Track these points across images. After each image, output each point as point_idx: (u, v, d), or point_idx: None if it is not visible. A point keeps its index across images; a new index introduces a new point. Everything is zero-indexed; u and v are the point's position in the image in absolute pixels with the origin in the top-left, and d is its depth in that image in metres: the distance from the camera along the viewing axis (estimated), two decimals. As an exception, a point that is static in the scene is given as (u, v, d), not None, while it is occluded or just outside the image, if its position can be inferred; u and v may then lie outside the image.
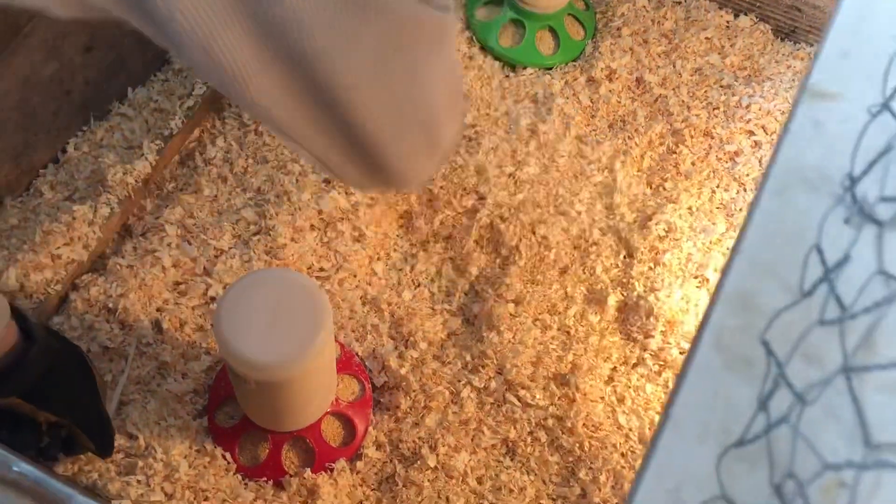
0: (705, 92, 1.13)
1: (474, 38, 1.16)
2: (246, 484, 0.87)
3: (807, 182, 0.31)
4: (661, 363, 0.95)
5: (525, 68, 1.14)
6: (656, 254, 1.00)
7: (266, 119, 0.51)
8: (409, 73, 0.52)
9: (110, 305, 0.93)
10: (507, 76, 1.14)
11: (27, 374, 0.73)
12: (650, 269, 0.99)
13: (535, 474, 0.90)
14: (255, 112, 0.49)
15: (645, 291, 0.97)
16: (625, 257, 1.00)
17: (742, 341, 0.28)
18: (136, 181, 0.98)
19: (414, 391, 0.92)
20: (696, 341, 0.28)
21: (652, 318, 0.95)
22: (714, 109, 1.11)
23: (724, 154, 1.08)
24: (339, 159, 0.56)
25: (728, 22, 1.19)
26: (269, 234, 0.98)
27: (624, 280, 0.99)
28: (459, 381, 0.93)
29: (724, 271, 0.30)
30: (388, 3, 0.47)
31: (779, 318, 0.28)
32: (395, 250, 1.01)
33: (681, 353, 0.95)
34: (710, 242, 1.01)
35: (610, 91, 1.13)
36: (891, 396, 0.27)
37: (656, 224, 1.02)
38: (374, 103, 0.51)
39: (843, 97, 0.33)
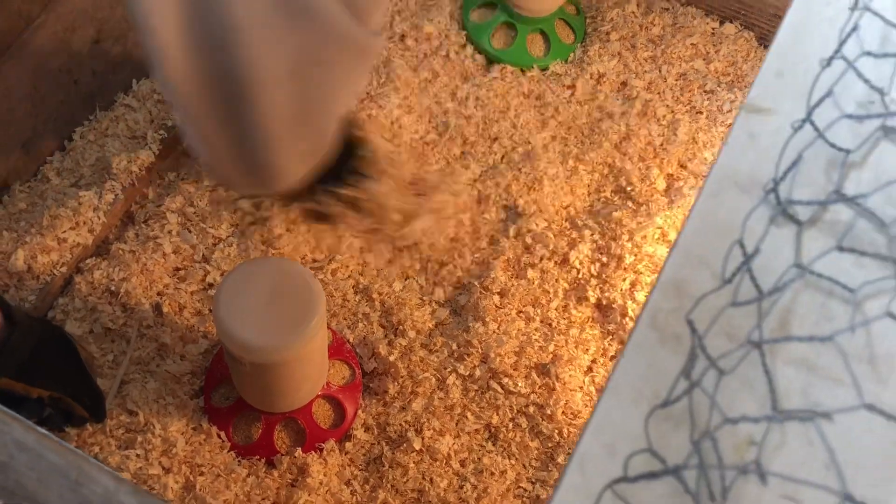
0: (689, 97, 1.18)
1: (468, 38, 1.21)
2: (239, 461, 0.92)
3: (739, 185, 0.36)
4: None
5: (524, 70, 1.19)
6: (636, 257, 1.05)
7: (171, 94, 0.52)
8: (321, 87, 0.54)
9: (113, 289, 0.98)
10: (494, 78, 1.18)
11: (13, 356, 0.77)
12: (626, 269, 1.04)
13: (516, 458, 0.95)
14: (165, 87, 0.51)
15: (622, 294, 1.02)
16: (606, 259, 1.05)
17: (673, 321, 0.33)
18: (139, 170, 1.03)
19: (402, 377, 0.97)
20: (636, 322, 0.33)
21: (627, 319, 1.00)
22: (697, 113, 1.17)
23: (705, 158, 1.13)
24: (224, 151, 0.58)
25: (714, 29, 1.24)
26: (266, 225, 1.03)
27: (604, 281, 1.04)
28: (445, 368, 0.98)
29: (665, 262, 0.35)
30: (321, 15, 0.49)
31: (703, 300, 0.33)
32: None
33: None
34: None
35: (597, 94, 1.18)
36: (797, 369, 0.33)
37: (637, 226, 1.07)
38: (279, 107, 0.53)
39: (775, 112, 0.38)
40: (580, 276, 1.04)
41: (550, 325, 1.02)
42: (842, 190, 0.36)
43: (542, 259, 1.05)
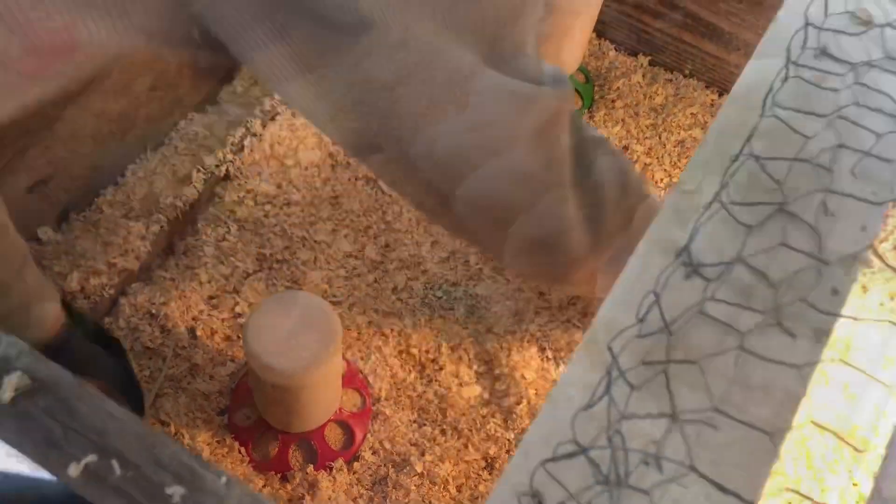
0: (686, 163, 1.30)
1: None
2: (256, 475, 1.04)
3: (663, 249, 0.48)
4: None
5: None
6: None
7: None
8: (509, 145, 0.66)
9: (153, 311, 1.11)
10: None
11: (74, 352, 0.92)
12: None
13: (509, 487, 1.06)
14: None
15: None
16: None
17: (601, 349, 0.45)
18: (183, 205, 1.17)
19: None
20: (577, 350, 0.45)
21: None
22: (693, 178, 1.29)
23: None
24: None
25: (713, 100, 1.37)
26: (292, 262, 1.16)
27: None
28: (448, 400, 1.10)
29: (601, 306, 0.47)
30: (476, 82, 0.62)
31: (622, 333, 0.45)
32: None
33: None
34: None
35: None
36: (691, 390, 0.44)
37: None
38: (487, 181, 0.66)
39: (696, 192, 0.50)
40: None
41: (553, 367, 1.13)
42: (742, 255, 0.48)
43: (548, 311, 1.17)
